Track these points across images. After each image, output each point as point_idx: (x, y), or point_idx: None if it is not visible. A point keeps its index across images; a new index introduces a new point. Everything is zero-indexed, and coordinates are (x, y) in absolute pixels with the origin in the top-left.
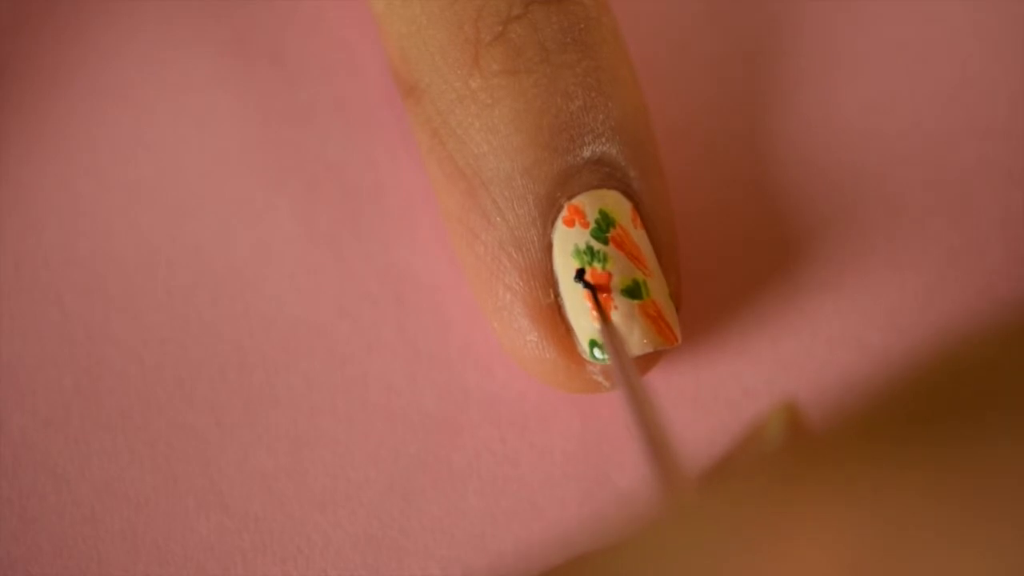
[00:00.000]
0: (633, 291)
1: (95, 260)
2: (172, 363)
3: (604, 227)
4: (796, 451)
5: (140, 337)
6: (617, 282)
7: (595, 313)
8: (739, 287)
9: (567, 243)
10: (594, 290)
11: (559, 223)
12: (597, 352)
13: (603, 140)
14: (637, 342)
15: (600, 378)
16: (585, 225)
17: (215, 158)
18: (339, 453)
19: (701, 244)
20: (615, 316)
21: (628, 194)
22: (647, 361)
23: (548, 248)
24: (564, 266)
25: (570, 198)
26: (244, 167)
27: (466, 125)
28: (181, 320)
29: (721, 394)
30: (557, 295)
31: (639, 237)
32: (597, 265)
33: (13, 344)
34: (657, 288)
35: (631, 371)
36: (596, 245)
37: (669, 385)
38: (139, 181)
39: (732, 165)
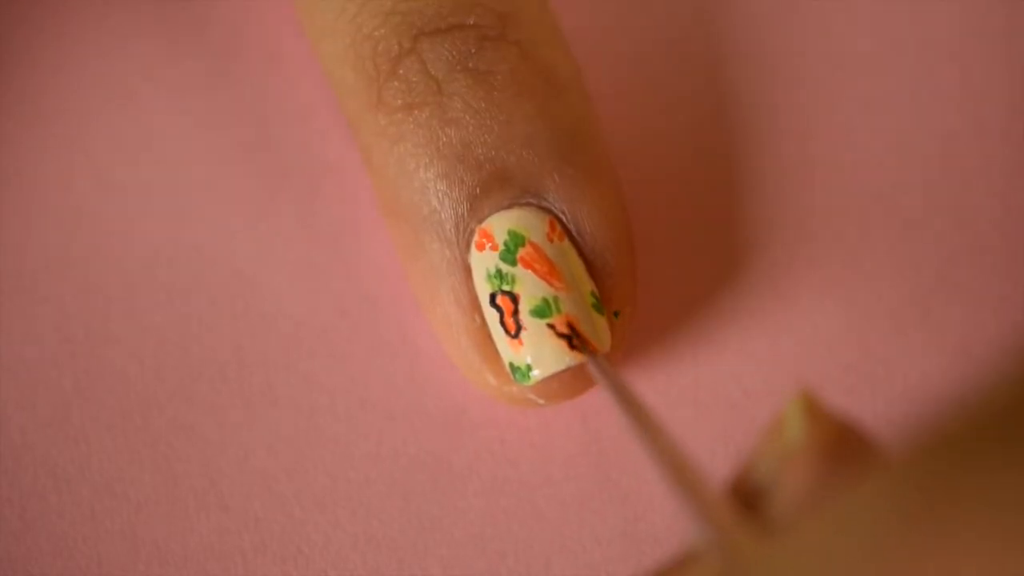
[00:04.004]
0: (542, 310)
1: (95, 260)
2: (172, 363)
3: (513, 248)
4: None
5: (140, 337)
6: (525, 303)
7: (567, 348)
8: (739, 287)
9: (480, 267)
10: (503, 313)
11: (472, 248)
12: (517, 376)
13: (505, 156)
14: (549, 361)
15: (533, 396)
16: (495, 248)
17: (215, 158)
18: (339, 453)
19: (701, 245)
20: (526, 337)
21: (544, 207)
22: (586, 374)
23: (469, 273)
24: (480, 290)
25: (480, 222)
26: (244, 167)
27: (382, 162)
28: (181, 320)
29: (721, 394)
30: (484, 319)
31: (557, 250)
32: (506, 287)
33: (13, 344)
34: (572, 301)
35: (629, 395)
36: (504, 267)
37: (669, 385)
38: (139, 181)
39: (731, 166)
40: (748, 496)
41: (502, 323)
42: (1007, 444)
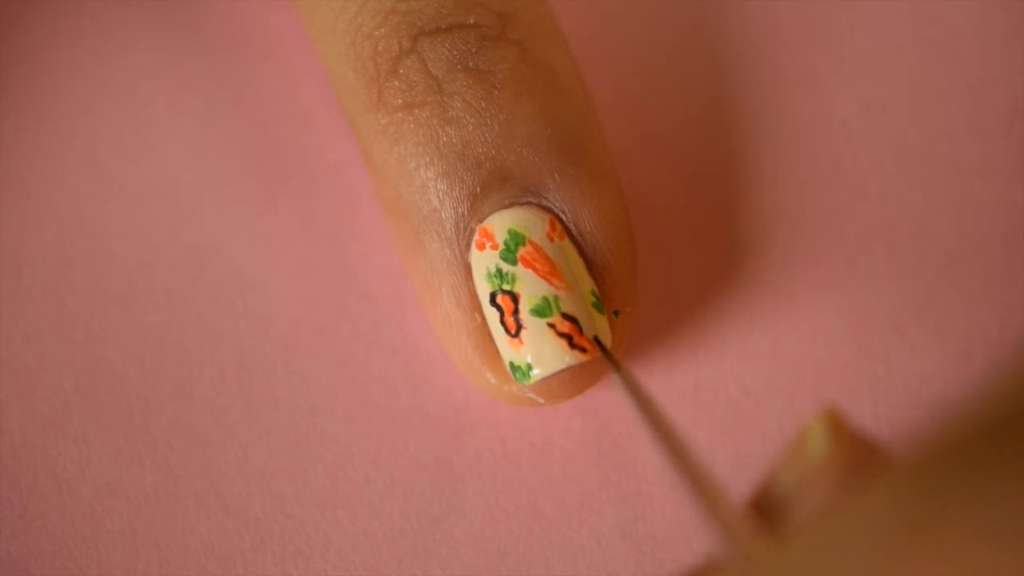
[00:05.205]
0: (542, 310)
1: (95, 260)
2: (172, 363)
3: (513, 247)
4: (903, 485)
5: (140, 337)
6: (526, 302)
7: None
8: (739, 287)
9: (480, 267)
10: (504, 312)
11: (472, 247)
12: (518, 375)
13: (505, 155)
14: (549, 360)
15: (533, 395)
16: (495, 247)
17: (215, 158)
18: (339, 453)
19: (701, 245)
20: (526, 336)
21: (544, 206)
22: (586, 373)
23: (469, 272)
24: (481, 290)
25: (480, 221)
26: (244, 167)
27: (382, 161)
28: (181, 320)
29: (721, 394)
30: (484, 318)
31: (557, 249)
32: (506, 286)
33: (13, 344)
34: (572, 300)
35: (650, 407)
36: (505, 267)
37: (669, 385)
38: (139, 181)
39: (732, 165)
40: (769, 510)
41: (502, 322)
42: (1016, 451)
